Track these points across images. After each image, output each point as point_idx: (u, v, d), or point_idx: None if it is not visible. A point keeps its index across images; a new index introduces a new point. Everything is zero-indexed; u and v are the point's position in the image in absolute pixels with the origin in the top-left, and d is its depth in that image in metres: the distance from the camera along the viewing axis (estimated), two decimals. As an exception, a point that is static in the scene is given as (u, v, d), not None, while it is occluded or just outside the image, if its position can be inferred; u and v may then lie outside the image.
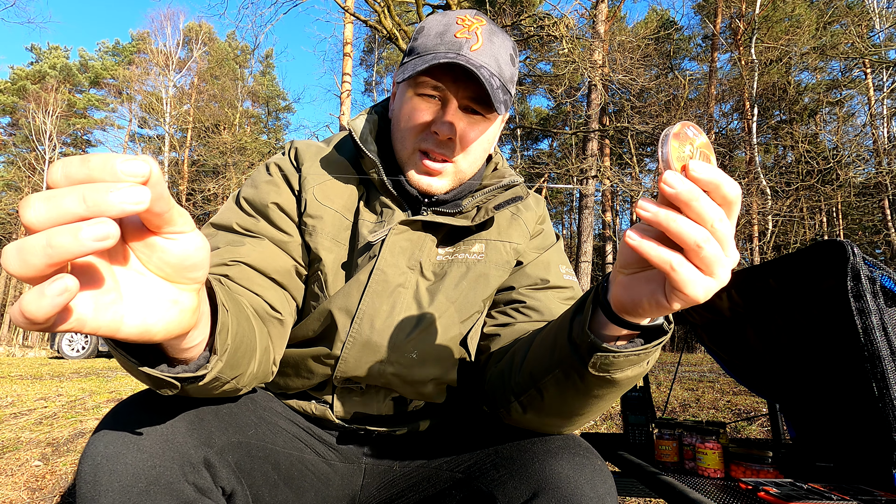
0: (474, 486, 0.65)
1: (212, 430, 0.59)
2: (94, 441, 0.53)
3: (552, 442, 0.64)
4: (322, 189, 0.80)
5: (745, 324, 1.41)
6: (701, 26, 19.76)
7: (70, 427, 3.16)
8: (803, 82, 17.74)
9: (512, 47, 0.78)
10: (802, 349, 1.26)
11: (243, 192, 0.80)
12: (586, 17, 11.38)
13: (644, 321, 0.49)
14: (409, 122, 0.76)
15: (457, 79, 0.73)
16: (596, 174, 11.40)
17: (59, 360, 8.37)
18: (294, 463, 0.72)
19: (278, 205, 0.79)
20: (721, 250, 0.39)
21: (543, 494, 0.57)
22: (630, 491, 1.49)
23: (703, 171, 0.38)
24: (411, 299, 0.76)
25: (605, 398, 0.58)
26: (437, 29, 0.76)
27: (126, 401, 0.58)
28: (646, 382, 1.74)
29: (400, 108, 0.78)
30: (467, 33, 0.74)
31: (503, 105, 0.73)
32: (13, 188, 25.97)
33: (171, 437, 0.54)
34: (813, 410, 1.36)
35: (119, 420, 0.55)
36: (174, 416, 0.57)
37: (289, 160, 0.84)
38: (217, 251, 0.73)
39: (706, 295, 0.40)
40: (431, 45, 0.74)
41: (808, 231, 15.84)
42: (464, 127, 0.75)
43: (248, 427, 0.67)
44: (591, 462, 0.61)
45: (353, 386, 0.77)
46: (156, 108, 24.21)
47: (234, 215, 0.78)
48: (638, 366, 0.53)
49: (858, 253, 0.87)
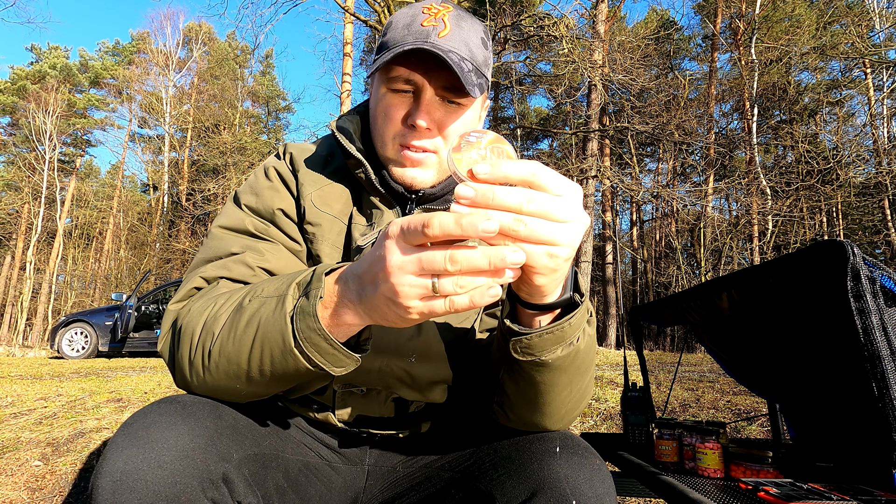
0: (473, 486, 0.65)
1: (230, 445, 0.59)
2: (112, 455, 0.52)
3: (551, 442, 0.64)
4: (320, 195, 0.80)
5: (745, 324, 1.41)
6: (701, 26, 19.78)
7: (70, 427, 3.16)
8: (803, 82, 17.75)
9: (483, 30, 0.78)
10: (802, 349, 1.26)
11: (245, 200, 0.79)
12: (586, 17, 11.38)
13: (547, 300, 0.53)
14: (385, 119, 0.75)
15: (428, 69, 0.72)
16: (596, 174, 11.40)
17: (59, 360, 8.37)
18: (301, 469, 0.72)
19: (283, 210, 0.78)
20: (543, 221, 0.43)
21: (542, 494, 0.57)
22: (630, 491, 1.49)
23: (484, 170, 0.42)
24: None
25: (558, 385, 0.62)
26: (403, 21, 0.75)
27: (142, 412, 0.57)
28: (646, 382, 1.74)
29: (376, 105, 0.78)
30: (434, 21, 0.73)
31: (477, 88, 0.72)
32: (13, 188, 25.97)
33: (191, 454, 0.54)
34: (813, 410, 1.36)
35: (137, 433, 0.54)
36: (193, 429, 0.56)
37: (286, 165, 0.83)
38: (237, 256, 0.72)
39: (554, 262, 0.45)
40: (400, 38, 0.73)
41: (808, 231, 15.83)
42: (441, 116, 0.74)
43: (263, 438, 0.67)
44: (589, 462, 0.61)
45: (354, 389, 0.77)
46: (156, 108, 24.23)
47: (245, 218, 0.77)
48: (562, 345, 0.57)
49: (858, 253, 0.87)
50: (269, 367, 0.57)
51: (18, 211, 25.76)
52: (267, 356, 0.57)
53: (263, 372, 0.58)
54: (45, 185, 23.86)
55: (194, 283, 0.71)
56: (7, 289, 25.35)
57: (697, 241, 14.09)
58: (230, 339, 0.59)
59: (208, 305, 0.64)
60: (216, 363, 0.60)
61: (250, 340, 0.57)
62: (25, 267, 23.96)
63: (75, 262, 26.19)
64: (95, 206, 27.69)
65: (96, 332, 8.89)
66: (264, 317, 0.57)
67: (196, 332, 0.62)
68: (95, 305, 22.30)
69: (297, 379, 0.59)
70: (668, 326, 1.85)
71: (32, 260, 23.61)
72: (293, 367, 0.56)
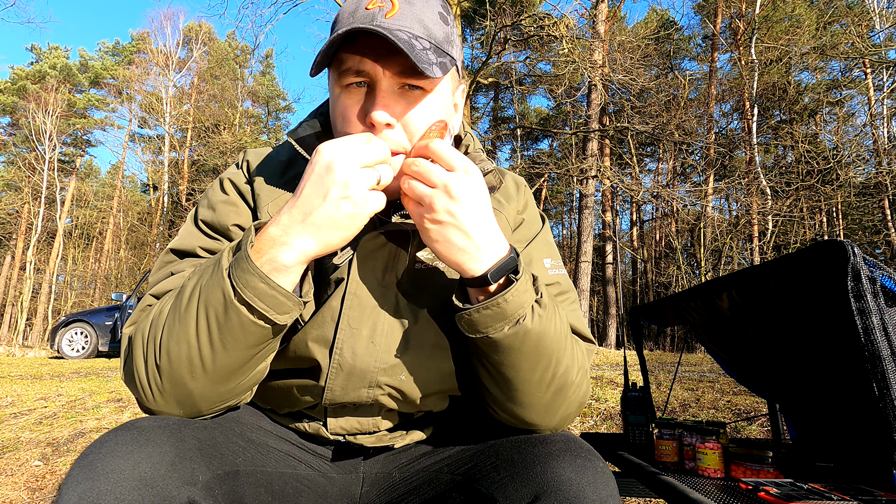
0: (474, 489, 0.64)
1: (194, 467, 0.56)
2: (68, 491, 0.50)
3: (553, 444, 0.63)
4: (277, 205, 0.74)
5: (745, 324, 1.41)
6: (701, 26, 19.77)
7: (70, 427, 3.16)
8: (803, 82, 17.75)
9: (440, 4, 0.71)
10: (802, 349, 1.26)
11: (201, 215, 0.77)
12: (586, 17, 11.38)
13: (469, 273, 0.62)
14: (344, 121, 0.68)
15: (378, 56, 0.64)
16: (596, 174, 11.40)
17: (59, 360, 8.38)
18: (288, 481, 0.71)
19: (239, 226, 0.75)
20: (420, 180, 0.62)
21: (545, 497, 0.56)
22: (630, 491, 1.49)
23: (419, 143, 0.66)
24: (392, 318, 0.72)
25: (521, 369, 0.64)
26: (349, 9, 0.68)
27: (98, 442, 0.54)
28: (646, 382, 1.74)
29: (333, 107, 0.71)
30: (380, 1, 0.66)
31: (437, 67, 0.64)
32: (13, 188, 25.97)
33: (150, 481, 0.51)
34: (813, 410, 1.36)
35: (93, 464, 0.51)
36: (151, 455, 0.53)
37: (242, 174, 0.79)
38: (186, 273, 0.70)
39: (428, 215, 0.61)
40: (346, 26, 0.64)
41: (808, 231, 15.83)
42: (402, 107, 0.67)
43: (235, 455, 0.65)
44: (592, 464, 0.60)
45: (347, 403, 0.75)
46: (156, 108, 24.22)
47: (195, 239, 0.75)
48: (507, 322, 0.61)
49: (859, 253, 0.87)
50: (216, 333, 0.58)
51: (18, 211, 25.76)
52: (213, 320, 0.58)
53: (213, 342, 0.59)
54: (45, 185, 23.87)
55: (145, 302, 0.70)
56: (7, 289, 25.34)
57: (697, 241, 14.10)
58: (176, 320, 0.60)
59: (153, 310, 0.64)
60: (167, 352, 0.60)
61: (195, 311, 0.59)
62: (25, 267, 23.97)
63: (75, 262, 26.19)
64: (95, 206, 27.68)
65: (96, 332, 8.89)
66: (204, 282, 0.59)
67: (145, 333, 0.62)
68: (95, 305, 22.28)
69: (247, 341, 0.60)
70: (668, 326, 1.85)
71: (32, 260, 23.61)
72: (238, 325, 0.58)
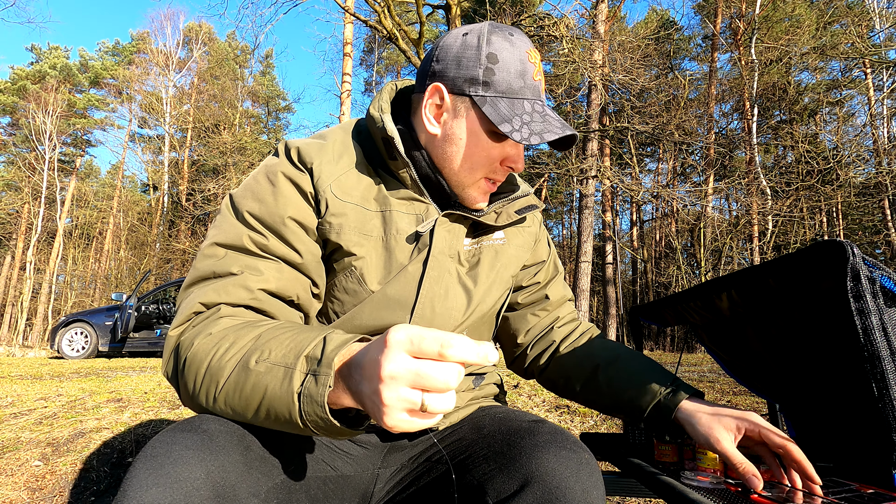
0: (466, 479, 0.68)
1: (259, 477, 0.58)
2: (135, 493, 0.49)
3: (541, 436, 0.67)
4: (339, 185, 0.77)
5: (745, 324, 1.42)
6: (701, 26, 19.79)
7: (70, 427, 3.16)
8: (803, 82, 17.77)
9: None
10: (802, 349, 1.26)
11: (247, 207, 0.74)
12: (586, 17, 11.38)
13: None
14: (486, 158, 0.80)
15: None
16: (596, 174, 11.40)
17: (59, 360, 8.38)
18: (319, 486, 0.73)
19: (294, 218, 0.75)
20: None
21: (530, 487, 0.60)
22: (630, 491, 1.49)
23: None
24: (458, 284, 0.84)
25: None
26: (515, 66, 0.77)
27: (163, 442, 0.54)
28: (646, 382, 1.74)
29: (466, 138, 0.80)
30: (538, 74, 0.78)
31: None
32: (13, 188, 25.98)
33: (223, 491, 0.52)
34: (813, 410, 1.36)
35: (162, 468, 0.51)
36: (224, 465, 0.54)
37: (292, 164, 0.79)
38: (236, 278, 0.70)
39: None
40: (517, 88, 0.77)
41: (808, 231, 15.83)
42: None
43: (288, 462, 0.66)
44: (577, 455, 0.64)
45: None
46: (156, 108, 24.24)
47: (243, 232, 0.73)
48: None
49: (858, 253, 0.87)
50: (275, 425, 0.60)
51: (18, 211, 25.78)
52: (273, 419, 0.59)
53: (269, 425, 0.60)
54: (45, 185, 23.88)
55: (193, 307, 0.68)
56: (7, 289, 25.36)
57: (697, 241, 14.10)
58: (235, 396, 0.59)
59: (211, 348, 0.62)
60: (221, 409, 0.61)
61: (256, 403, 0.58)
62: (25, 267, 23.97)
63: (75, 262, 26.19)
64: (95, 206, 27.70)
65: (96, 332, 8.89)
66: (270, 386, 0.57)
67: (200, 375, 0.62)
68: (95, 305, 22.29)
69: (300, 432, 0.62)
70: (668, 326, 1.85)
71: (32, 260, 23.62)
72: (295, 427, 0.58)
